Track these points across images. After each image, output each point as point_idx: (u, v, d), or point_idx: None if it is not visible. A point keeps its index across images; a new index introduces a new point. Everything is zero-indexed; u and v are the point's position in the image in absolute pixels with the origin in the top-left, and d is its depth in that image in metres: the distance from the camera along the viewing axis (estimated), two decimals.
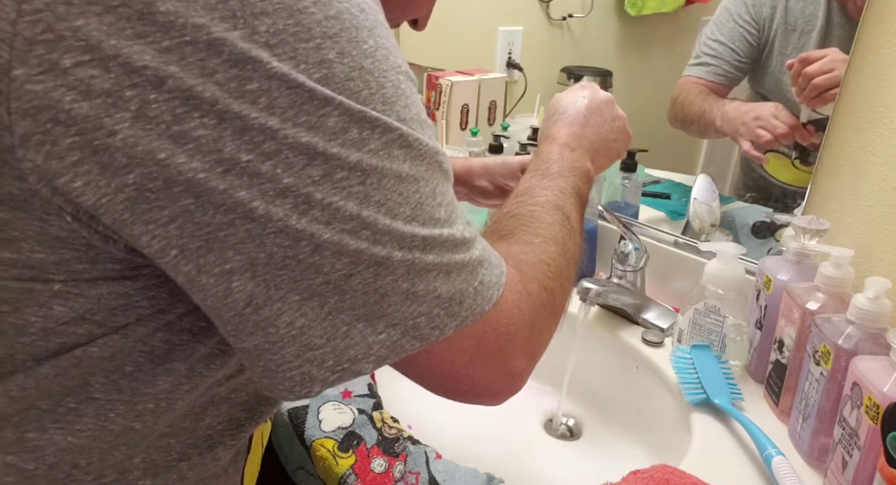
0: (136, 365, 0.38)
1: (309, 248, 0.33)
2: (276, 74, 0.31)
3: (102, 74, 0.29)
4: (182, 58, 0.29)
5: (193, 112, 0.30)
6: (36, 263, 0.34)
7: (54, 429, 0.37)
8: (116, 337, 0.37)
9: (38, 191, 0.31)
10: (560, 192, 0.54)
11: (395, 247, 0.35)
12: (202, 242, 0.32)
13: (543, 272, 0.46)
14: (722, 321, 0.76)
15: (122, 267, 0.35)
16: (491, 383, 0.42)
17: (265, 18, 0.30)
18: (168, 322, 0.38)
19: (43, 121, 0.29)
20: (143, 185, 0.30)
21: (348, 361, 0.35)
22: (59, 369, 0.36)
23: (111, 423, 0.38)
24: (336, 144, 0.32)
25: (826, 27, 0.83)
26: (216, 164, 0.30)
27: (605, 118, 0.65)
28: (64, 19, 0.28)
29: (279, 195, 0.32)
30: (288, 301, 0.34)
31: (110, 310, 0.36)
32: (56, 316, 0.35)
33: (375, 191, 0.34)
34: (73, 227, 0.32)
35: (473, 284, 0.38)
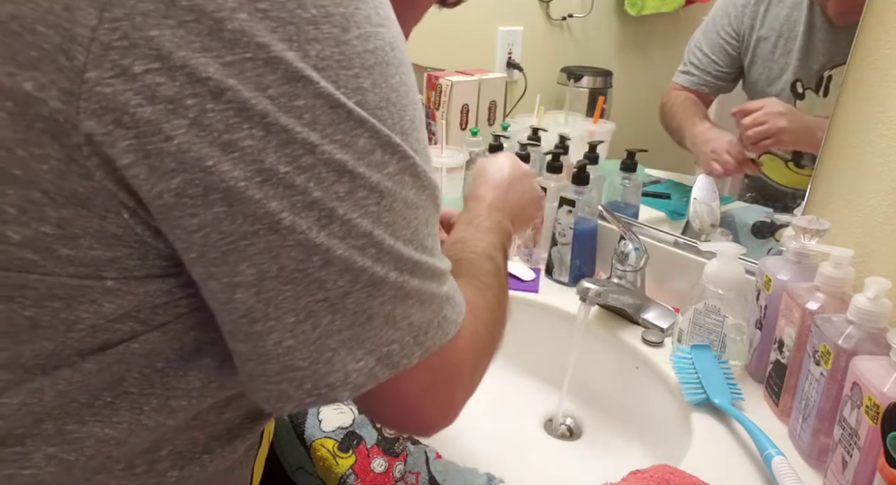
0: (168, 362, 0.39)
1: (320, 262, 0.35)
2: (322, 93, 0.33)
3: (168, 82, 0.31)
4: (241, 72, 0.32)
5: (244, 123, 0.32)
6: (92, 261, 0.35)
7: (93, 422, 0.39)
8: (156, 334, 0.38)
9: (103, 187, 0.33)
10: (491, 245, 0.60)
11: (392, 267, 0.37)
12: (219, 254, 0.34)
13: (488, 316, 0.50)
14: (722, 321, 0.76)
15: (168, 264, 0.37)
16: (435, 414, 0.44)
17: (316, 44, 0.33)
18: (202, 320, 0.39)
19: (107, 122, 0.31)
20: (183, 190, 0.32)
21: (326, 387, 0.37)
22: (103, 364, 0.38)
23: (146, 417, 0.40)
24: (362, 164, 0.35)
25: (809, 31, 0.84)
26: (256, 173, 0.33)
27: (524, 187, 0.73)
28: (140, 29, 0.31)
29: (306, 208, 0.34)
30: (283, 321, 0.35)
31: (154, 307, 0.38)
32: (105, 313, 0.37)
33: (387, 212, 0.36)
34: (129, 223, 0.34)
35: (438, 317, 0.40)
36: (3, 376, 0.37)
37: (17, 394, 0.37)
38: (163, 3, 0.31)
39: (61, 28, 0.31)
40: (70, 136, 0.32)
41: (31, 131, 0.32)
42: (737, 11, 0.91)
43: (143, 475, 0.42)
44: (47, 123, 0.32)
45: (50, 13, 0.31)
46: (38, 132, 0.32)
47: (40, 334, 0.37)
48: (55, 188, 0.33)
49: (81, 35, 0.31)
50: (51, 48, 0.31)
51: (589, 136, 1.11)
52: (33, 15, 0.31)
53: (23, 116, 0.32)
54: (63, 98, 0.31)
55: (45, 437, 0.38)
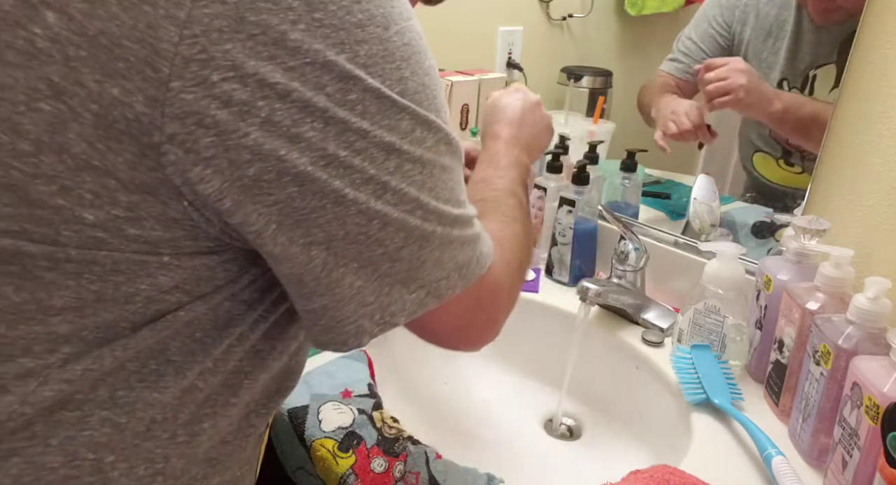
0: (205, 331, 0.45)
1: (378, 225, 0.41)
2: (369, 88, 0.39)
3: (241, 88, 0.36)
4: (303, 75, 0.37)
5: (307, 118, 0.38)
6: (153, 239, 0.40)
7: (141, 387, 0.43)
8: (198, 303, 0.44)
9: (170, 180, 0.38)
10: (511, 181, 0.67)
11: (437, 223, 0.44)
12: (294, 221, 0.40)
13: (515, 245, 0.57)
14: (722, 321, 0.76)
15: (214, 244, 0.42)
16: (481, 331, 0.53)
17: (364, 45, 0.39)
18: (234, 292, 0.45)
19: (189, 123, 0.36)
20: (259, 176, 0.38)
21: (390, 314, 0.45)
22: (154, 331, 0.43)
23: (188, 381, 0.45)
24: (406, 142, 0.41)
25: (796, 32, 0.85)
26: (321, 158, 0.38)
27: (535, 118, 0.77)
28: (216, 43, 0.35)
29: (364, 183, 0.40)
30: (350, 267, 0.42)
31: (197, 280, 0.43)
32: (160, 285, 0.42)
33: (429, 179, 0.43)
34: (187, 211, 0.39)
35: (476, 253, 0.48)
36: (67, 348, 0.41)
37: (81, 362, 0.42)
38: (234, 19, 0.36)
39: (146, 43, 0.35)
40: (152, 135, 0.37)
41: (111, 129, 0.37)
42: (729, 4, 0.92)
43: (182, 445, 0.46)
44: (129, 124, 0.37)
45: (135, 30, 0.35)
46: (117, 131, 0.37)
47: (103, 307, 0.41)
48: (128, 177, 0.38)
49: (165, 50, 0.35)
50: (136, 61, 0.36)
51: (589, 136, 1.11)
52: (119, 31, 0.36)
53: (105, 117, 0.37)
54: (148, 103, 0.36)
55: (99, 401, 0.42)
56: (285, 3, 0.37)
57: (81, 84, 0.36)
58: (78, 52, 0.36)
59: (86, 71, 0.36)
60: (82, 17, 0.36)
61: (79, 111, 0.37)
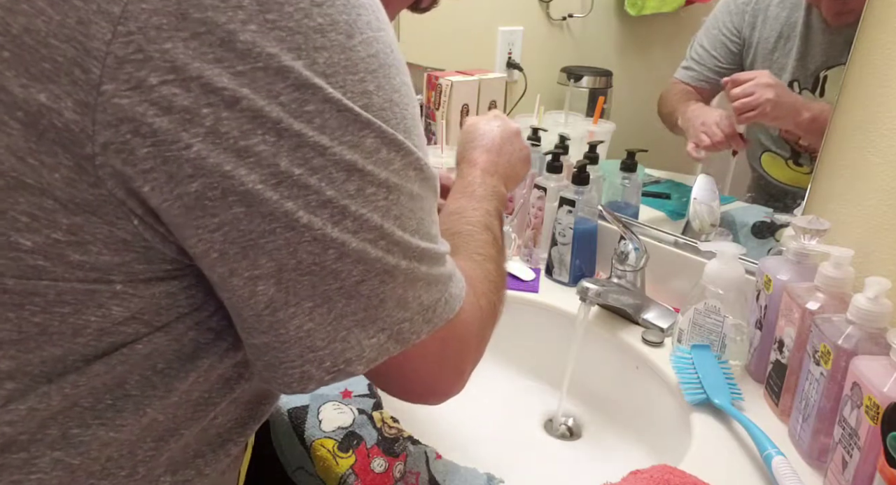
0: (168, 362, 0.41)
1: (335, 255, 0.37)
2: (330, 99, 0.35)
3: (183, 93, 0.32)
4: (253, 81, 0.33)
5: (258, 130, 0.33)
6: (102, 265, 0.36)
7: (97, 425, 0.39)
8: (159, 335, 0.40)
9: (114, 195, 0.34)
10: (486, 213, 0.62)
11: (402, 256, 0.40)
12: (239, 249, 0.35)
13: (488, 288, 0.52)
14: (722, 321, 0.76)
15: (173, 267, 0.38)
16: (445, 383, 0.47)
17: (324, 52, 0.35)
18: (199, 320, 0.41)
19: (124, 131, 0.32)
20: (202, 193, 0.34)
21: (344, 362, 0.39)
22: (108, 366, 0.39)
23: (146, 418, 0.41)
24: (370, 163, 0.37)
25: (806, 33, 0.85)
26: (272, 176, 0.34)
27: (514, 148, 0.73)
28: (154, 42, 0.31)
29: (320, 206, 0.36)
30: (302, 307, 0.37)
31: (157, 309, 0.39)
32: (113, 316, 0.38)
33: (395, 206, 0.39)
34: (138, 230, 0.36)
35: (445, 294, 0.43)
36: (10, 385, 0.37)
37: (26, 401, 0.38)
38: (175, 16, 0.32)
39: (76, 41, 0.32)
40: (84, 145, 0.33)
41: (42, 141, 0.33)
42: (738, 9, 0.92)
43: (141, 481, 0.43)
44: (60, 134, 0.33)
45: (63, 27, 0.32)
46: (49, 142, 0.33)
47: (48, 341, 0.37)
48: (67, 196, 0.34)
49: (96, 49, 0.32)
50: (65, 61, 0.32)
51: (589, 136, 1.11)
52: (46, 28, 0.32)
53: (34, 126, 0.33)
54: (78, 110, 0.32)
55: (50, 442, 0.39)
56: (235, 0, 0.33)
57: (5, 89, 0.32)
58: (0, 53, 0.32)
59: (10, 74, 0.32)
60: (4, 12, 0.32)
61: (4, 120, 0.33)
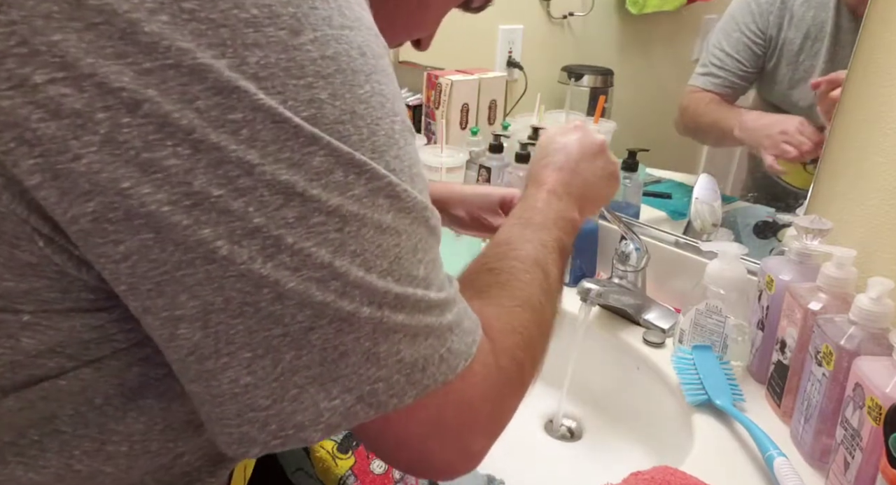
0: (106, 398, 0.35)
1: (271, 295, 0.30)
2: (261, 107, 0.29)
3: (75, 94, 0.27)
4: (163, 81, 0.28)
5: (167, 140, 0.28)
6: (4, 292, 0.32)
7: (15, 463, 0.35)
8: (88, 370, 0.34)
9: (11, 212, 0.29)
10: (542, 245, 0.52)
11: (365, 302, 0.32)
12: (152, 285, 0.30)
13: (515, 342, 0.43)
14: (723, 322, 0.76)
15: (96, 297, 0.33)
16: (445, 461, 0.39)
17: (256, 50, 0.29)
18: (145, 356, 0.35)
19: (7, 139, 0.28)
20: (102, 215, 0.28)
21: (294, 427, 0.32)
22: (25, 401, 0.34)
23: (77, 462, 0.36)
24: (317, 186, 0.30)
25: (836, 33, 0.82)
26: (184, 196, 0.28)
27: (596, 165, 0.63)
28: (41, 33, 0.27)
29: (247, 236, 0.29)
30: (237, 357, 0.31)
31: (83, 343, 0.34)
32: (24, 348, 0.33)
33: (353, 240, 0.31)
34: (45, 252, 0.30)
35: (440, 350, 0.35)
36: None
37: None
38: (68, 3, 0.27)
39: None
40: None
41: None
42: (761, 10, 0.89)
43: None
44: None
45: None
46: None
47: None
48: None
49: None
50: None
51: None
52: None
53: None
54: None
55: None
56: None
57: None
58: None
59: None
60: None
61: None
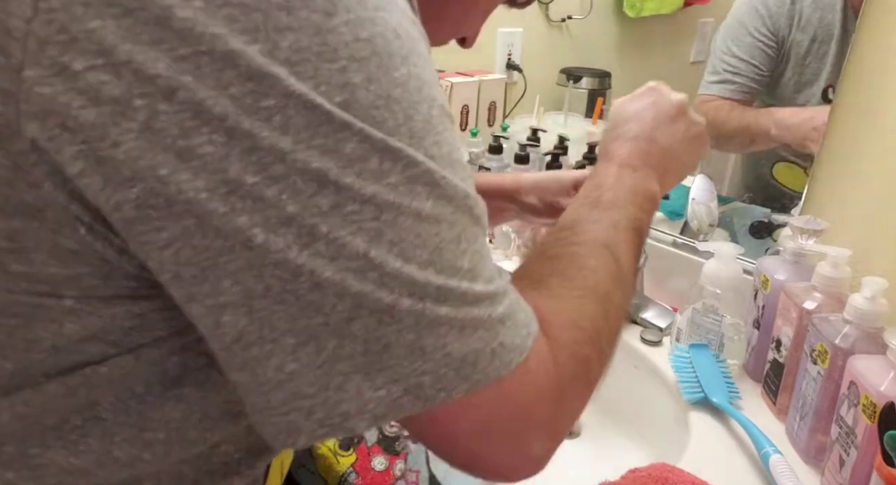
0: (147, 386, 0.35)
1: (308, 284, 0.29)
2: (293, 93, 0.28)
3: (113, 80, 0.27)
4: (197, 68, 0.27)
5: (203, 127, 0.28)
6: (48, 278, 0.32)
7: (57, 447, 0.35)
8: (129, 358, 0.34)
9: (54, 198, 0.29)
10: (612, 226, 0.47)
11: (405, 293, 0.31)
12: (197, 271, 0.29)
13: (576, 337, 0.40)
14: (720, 321, 0.77)
15: (138, 285, 0.32)
16: (502, 463, 0.36)
17: (289, 34, 0.28)
18: (185, 345, 0.35)
19: (51, 125, 0.28)
20: (145, 201, 0.28)
21: (339, 416, 0.32)
22: (68, 386, 0.34)
23: (117, 448, 0.36)
24: (351, 173, 0.29)
25: (843, 35, 0.82)
26: (220, 184, 0.28)
27: (676, 128, 0.56)
28: (79, 20, 0.27)
29: (282, 224, 0.29)
30: (281, 343, 0.30)
31: (124, 330, 0.34)
32: (67, 334, 0.33)
33: (389, 229, 0.30)
34: (87, 239, 0.31)
35: (492, 344, 0.33)
36: None
37: None
38: None
39: None
40: (13, 141, 0.28)
41: None
42: (770, 12, 0.87)
43: None
44: None
45: None
46: None
47: None
48: (3, 197, 0.30)
49: (16, 28, 0.27)
50: None
51: (588, 137, 1.12)
52: None
53: None
54: (2, 100, 0.28)
55: (6, 460, 0.35)
56: None
57: None
58: None
59: None
60: None
61: None
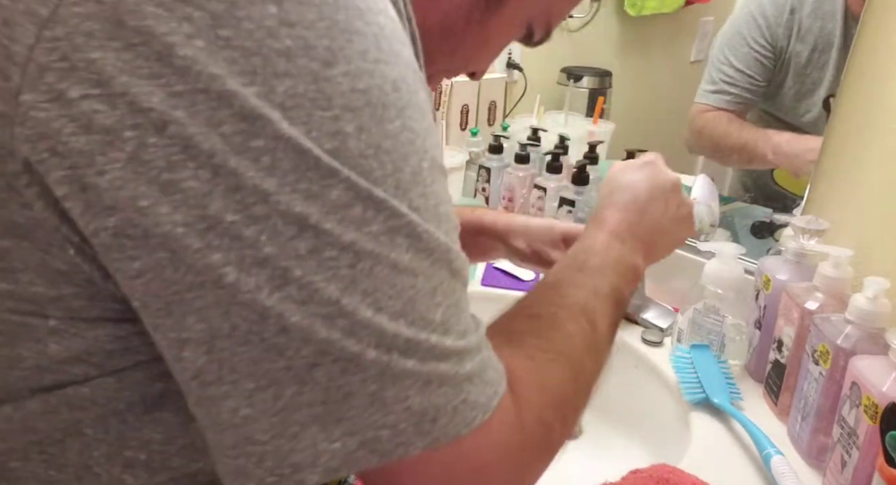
0: (129, 405, 0.36)
1: (275, 327, 0.30)
2: (284, 136, 0.29)
3: (107, 110, 0.28)
4: (192, 104, 0.28)
5: (189, 162, 0.28)
6: (34, 297, 0.32)
7: (38, 461, 0.35)
8: (111, 380, 0.35)
9: (44, 219, 0.30)
10: (594, 292, 0.48)
11: (372, 344, 0.31)
12: (162, 305, 0.30)
13: (544, 401, 0.40)
14: (721, 321, 0.76)
15: (121, 308, 0.33)
16: None
17: (286, 79, 0.29)
18: (165, 371, 0.34)
19: (41, 149, 0.29)
20: (121, 231, 0.29)
21: (290, 466, 0.31)
22: (48, 405, 0.35)
23: (96, 464, 0.36)
24: (333, 219, 0.30)
25: (843, 44, 0.81)
26: (198, 219, 0.29)
27: (668, 205, 0.59)
28: (81, 50, 0.28)
29: (256, 264, 0.29)
30: (239, 386, 0.30)
31: (107, 353, 0.34)
32: (51, 354, 0.34)
33: (365, 278, 0.31)
34: (75, 260, 0.31)
35: (454, 401, 0.33)
36: None
37: None
38: (109, 22, 0.28)
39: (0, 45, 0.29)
40: (7, 162, 0.29)
41: None
42: (768, 23, 0.86)
43: None
44: None
45: None
46: None
47: None
48: None
49: (18, 53, 0.28)
50: None
51: (589, 136, 1.11)
52: None
53: None
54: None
55: None
56: (183, 11, 0.28)
57: None
58: None
59: None
60: None
61: None
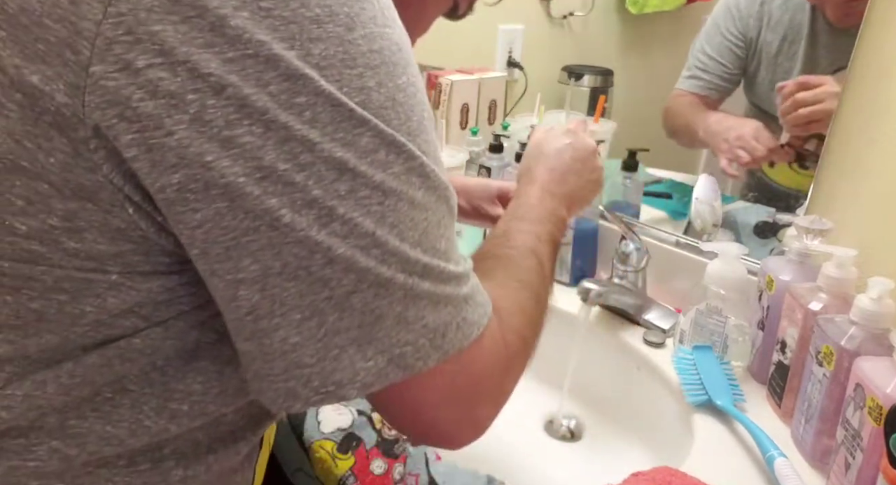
0: (167, 360, 0.40)
1: (322, 260, 0.34)
2: (322, 92, 0.33)
3: (170, 77, 0.31)
4: (243, 69, 0.32)
5: (244, 119, 0.32)
6: (97, 254, 0.36)
7: (94, 418, 0.39)
8: (158, 330, 0.39)
9: (110, 181, 0.34)
10: (537, 238, 0.57)
11: (399, 269, 0.36)
12: (222, 249, 0.34)
13: (520, 321, 0.47)
14: (724, 322, 0.76)
15: (172, 261, 0.37)
16: (453, 428, 0.42)
17: (319, 43, 0.33)
18: (202, 321, 0.40)
19: (111, 115, 0.32)
20: (184, 185, 0.33)
21: (333, 384, 0.36)
22: (105, 358, 0.38)
23: (146, 418, 0.40)
24: (365, 163, 0.35)
25: (812, 35, 0.84)
26: (255, 170, 0.33)
27: (585, 168, 0.68)
28: (144, 23, 0.31)
29: (306, 206, 0.34)
30: (288, 318, 0.35)
31: (156, 304, 0.38)
32: (109, 307, 0.37)
33: (391, 212, 0.36)
34: (133, 218, 0.35)
35: (457, 319, 0.39)
36: (9, 368, 0.38)
37: (22, 386, 0.38)
38: None
39: (67, 22, 0.32)
40: (77, 129, 0.33)
41: (39, 124, 0.33)
42: (741, 13, 0.91)
43: (146, 473, 0.42)
44: (54, 117, 0.33)
45: (57, 6, 0.32)
46: (45, 125, 0.33)
47: (45, 327, 0.37)
48: (62, 181, 0.34)
49: (87, 29, 0.31)
50: (57, 42, 0.32)
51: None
52: (41, 8, 0.32)
53: (31, 109, 0.33)
54: (69, 92, 0.32)
55: (49, 430, 0.39)
56: None
57: (3, 70, 0.33)
58: None
59: (5, 54, 0.32)
60: None
61: (2, 102, 0.33)
